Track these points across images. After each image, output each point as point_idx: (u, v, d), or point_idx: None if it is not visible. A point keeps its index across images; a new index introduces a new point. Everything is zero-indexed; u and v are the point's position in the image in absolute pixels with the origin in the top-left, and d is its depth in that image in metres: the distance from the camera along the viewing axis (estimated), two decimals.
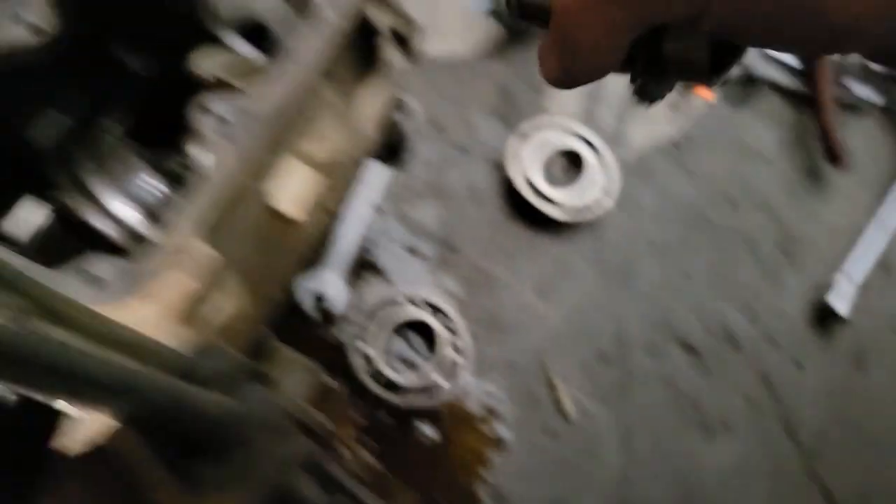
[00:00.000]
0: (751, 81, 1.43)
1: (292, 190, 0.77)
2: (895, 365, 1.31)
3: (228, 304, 0.70)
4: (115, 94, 0.87)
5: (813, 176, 1.41)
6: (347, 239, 1.21)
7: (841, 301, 1.30)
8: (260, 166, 0.73)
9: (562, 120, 1.35)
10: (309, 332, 1.17)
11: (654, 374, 1.25)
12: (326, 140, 0.82)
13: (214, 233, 0.67)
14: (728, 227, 1.36)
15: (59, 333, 0.42)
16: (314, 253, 1.18)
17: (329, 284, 1.18)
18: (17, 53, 0.70)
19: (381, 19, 0.85)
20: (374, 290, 1.22)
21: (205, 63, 0.86)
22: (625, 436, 1.21)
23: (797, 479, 1.23)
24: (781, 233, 1.37)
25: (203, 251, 0.66)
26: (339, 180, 0.86)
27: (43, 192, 0.79)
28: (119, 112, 0.83)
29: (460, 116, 1.35)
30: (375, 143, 0.89)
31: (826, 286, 1.31)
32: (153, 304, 0.61)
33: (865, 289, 1.32)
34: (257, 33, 0.94)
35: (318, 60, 0.76)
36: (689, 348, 1.28)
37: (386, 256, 1.25)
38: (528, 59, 1.41)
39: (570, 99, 1.40)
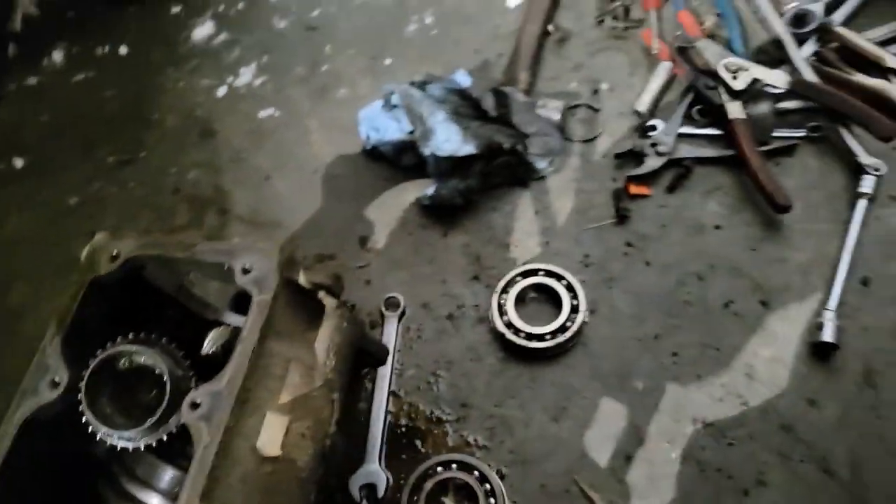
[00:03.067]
0: (678, 164, 1.59)
1: (268, 435, 0.99)
2: None
3: None
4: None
5: (767, 225, 1.52)
6: (375, 433, 1.41)
7: (828, 331, 1.37)
8: (236, 429, 0.96)
9: (527, 265, 1.54)
10: None
11: (677, 455, 1.35)
12: (291, 385, 1.05)
13: (209, 493, 0.90)
14: (704, 301, 1.47)
15: None
16: (357, 453, 1.40)
17: (371, 475, 1.38)
18: (45, 407, 0.99)
19: (308, 280, 1.09)
20: (411, 464, 1.40)
21: (207, 344, 1.13)
22: None
23: None
24: (756, 288, 1.47)
25: None
26: (313, 409, 1.08)
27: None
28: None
29: (442, 291, 1.57)
30: (334, 367, 1.11)
31: (812, 321, 1.39)
32: None
33: (848, 309, 1.39)
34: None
35: (258, 334, 1.00)
36: (705, 422, 1.37)
37: (413, 430, 1.44)
38: (481, 224, 1.62)
39: (530, 244, 1.59)
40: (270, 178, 1.76)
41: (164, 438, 0.97)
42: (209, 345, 1.13)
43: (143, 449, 0.97)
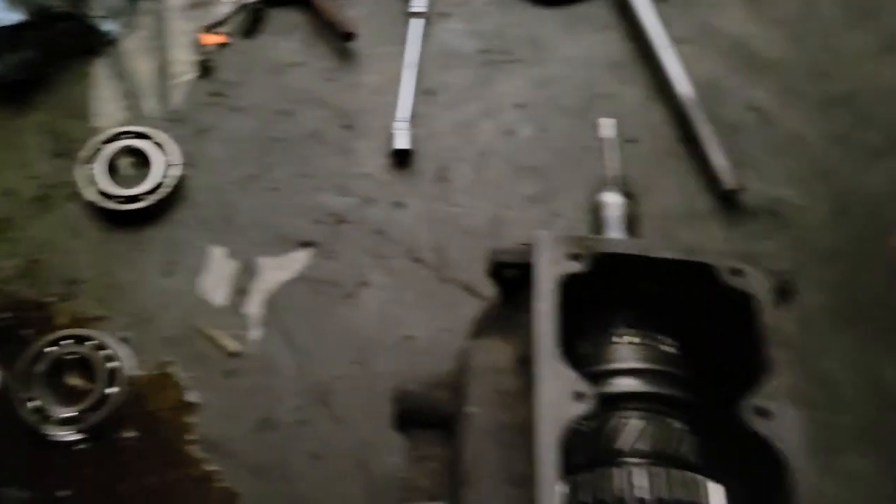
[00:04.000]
0: (250, 8, 1.61)
1: None
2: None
3: None
4: None
5: (341, 56, 1.62)
6: None
7: (402, 139, 1.53)
8: None
9: (112, 130, 1.49)
10: None
11: (288, 281, 1.44)
12: None
13: None
14: (294, 135, 1.55)
15: None
16: None
17: None
18: None
19: None
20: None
21: None
22: (286, 339, 1.40)
23: (437, 286, 1.46)
24: (338, 115, 1.58)
25: None
26: None
27: None
28: None
29: (24, 174, 1.47)
30: None
31: (389, 134, 1.53)
32: None
33: (418, 118, 1.55)
34: None
35: None
36: (308, 244, 1.47)
37: (18, 320, 1.37)
38: (56, 99, 1.53)
39: (114, 110, 1.54)
40: None
41: None
42: None
43: None
